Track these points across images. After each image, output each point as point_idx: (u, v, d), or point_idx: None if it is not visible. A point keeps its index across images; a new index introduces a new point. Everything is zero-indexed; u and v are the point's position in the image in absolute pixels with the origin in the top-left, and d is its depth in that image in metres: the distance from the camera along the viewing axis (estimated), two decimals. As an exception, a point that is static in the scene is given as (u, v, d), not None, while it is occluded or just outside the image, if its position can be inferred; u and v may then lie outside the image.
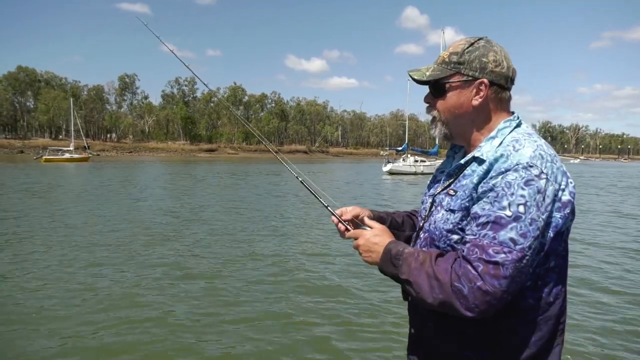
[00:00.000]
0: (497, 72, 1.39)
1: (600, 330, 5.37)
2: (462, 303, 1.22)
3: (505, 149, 1.31)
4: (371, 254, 1.46)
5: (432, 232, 1.44)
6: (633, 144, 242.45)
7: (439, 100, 1.46)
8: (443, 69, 1.43)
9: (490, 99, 1.41)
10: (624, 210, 17.52)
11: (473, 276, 1.21)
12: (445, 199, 1.42)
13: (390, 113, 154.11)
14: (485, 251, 1.21)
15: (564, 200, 1.30)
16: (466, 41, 1.43)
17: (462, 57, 1.40)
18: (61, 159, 55.04)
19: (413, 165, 45.56)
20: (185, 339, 5.05)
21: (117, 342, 4.93)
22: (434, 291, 1.27)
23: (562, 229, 1.31)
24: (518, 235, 1.20)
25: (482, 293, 1.20)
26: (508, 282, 1.20)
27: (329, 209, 1.69)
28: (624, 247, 10.23)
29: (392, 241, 1.46)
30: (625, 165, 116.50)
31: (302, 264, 8.17)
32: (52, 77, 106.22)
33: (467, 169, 1.39)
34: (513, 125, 1.40)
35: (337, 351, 4.85)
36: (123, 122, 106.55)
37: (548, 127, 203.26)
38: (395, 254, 1.39)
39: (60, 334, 5.10)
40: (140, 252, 8.85)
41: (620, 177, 46.03)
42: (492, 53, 1.40)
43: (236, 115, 3.47)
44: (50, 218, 12.74)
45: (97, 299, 6.16)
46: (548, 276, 1.33)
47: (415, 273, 1.32)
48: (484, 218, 1.25)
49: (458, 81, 1.41)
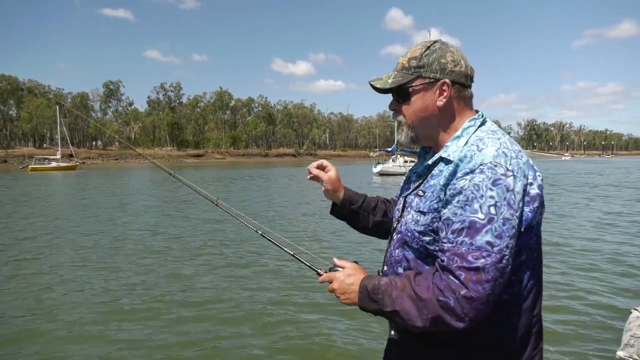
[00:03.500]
0: (457, 71, 1.41)
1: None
2: (452, 315, 1.22)
3: (470, 148, 1.32)
4: (348, 295, 1.44)
5: (404, 233, 1.43)
6: (616, 139, 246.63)
7: (403, 106, 1.47)
8: (404, 75, 1.45)
9: (453, 98, 1.42)
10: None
11: (456, 286, 1.21)
12: (415, 199, 1.43)
13: (378, 114, 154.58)
14: (465, 258, 1.22)
15: (533, 194, 1.30)
16: (422, 45, 1.46)
17: (421, 60, 1.42)
18: (48, 167, 54.19)
19: (403, 165, 45.79)
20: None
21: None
22: (422, 313, 1.26)
23: (532, 223, 1.31)
24: (494, 237, 1.21)
25: (468, 300, 1.20)
26: (492, 285, 1.21)
27: (295, 257, 1.70)
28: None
29: (365, 277, 1.44)
30: (611, 160, 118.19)
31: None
32: (35, 85, 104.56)
33: (435, 169, 1.40)
34: (478, 124, 1.41)
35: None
36: (108, 129, 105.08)
37: (533, 125, 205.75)
38: (372, 289, 1.37)
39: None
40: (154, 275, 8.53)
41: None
42: (450, 53, 1.42)
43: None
44: (57, 236, 12.35)
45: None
46: (522, 271, 1.33)
47: (399, 301, 1.31)
48: (459, 224, 1.25)
49: (420, 84, 1.43)
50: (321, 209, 16.37)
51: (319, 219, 14.27)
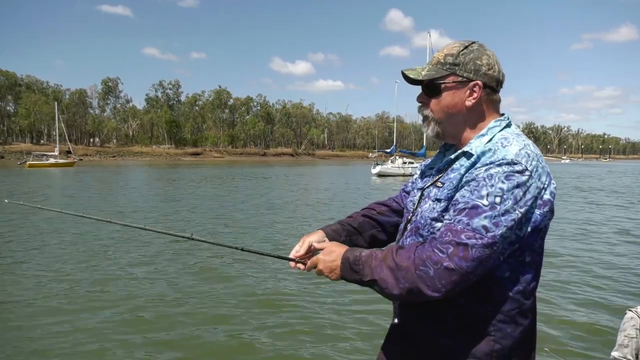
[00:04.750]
0: (490, 75, 1.44)
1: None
2: (429, 285, 1.26)
3: (494, 144, 1.36)
4: (334, 270, 1.47)
5: (418, 221, 1.47)
6: (614, 143, 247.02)
7: (432, 100, 1.49)
8: (438, 70, 1.46)
9: (482, 100, 1.46)
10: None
11: (440, 258, 1.26)
12: (433, 190, 1.47)
13: (376, 115, 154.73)
14: (458, 235, 1.26)
15: (545, 198, 1.34)
16: (460, 44, 1.47)
17: (457, 58, 1.44)
18: (46, 164, 53.98)
19: (401, 167, 45.84)
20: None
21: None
22: (399, 282, 1.30)
23: (540, 226, 1.35)
24: (490, 223, 1.25)
25: (449, 272, 1.25)
26: (475, 264, 1.25)
27: (283, 258, 1.68)
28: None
29: (347, 250, 1.48)
30: (608, 164, 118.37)
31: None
32: (34, 81, 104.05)
33: (456, 163, 1.44)
34: (503, 125, 1.45)
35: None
36: (106, 126, 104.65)
37: (531, 128, 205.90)
38: (354, 260, 1.42)
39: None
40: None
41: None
42: (486, 57, 1.45)
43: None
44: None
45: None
46: (527, 271, 1.37)
47: (377, 270, 1.35)
48: (462, 204, 1.30)
49: (453, 82, 1.45)
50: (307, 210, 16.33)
51: (305, 220, 14.32)
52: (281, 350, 4.93)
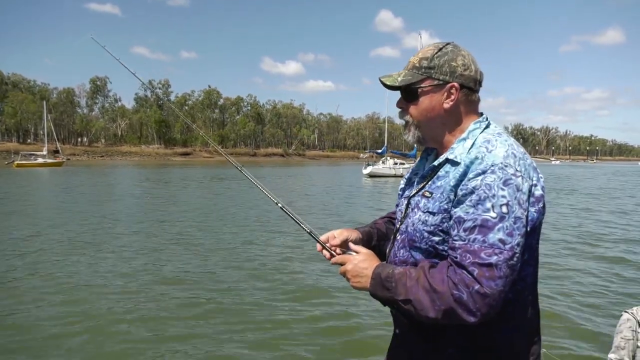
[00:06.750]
0: (466, 75, 1.43)
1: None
2: (464, 309, 1.24)
3: (479, 150, 1.34)
4: (360, 279, 1.45)
5: (412, 234, 1.44)
6: (601, 145, 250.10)
7: (411, 105, 1.49)
8: (414, 74, 1.46)
9: (460, 101, 1.44)
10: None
11: (470, 281, 1.24)
12: (422, 200, 1.44)
13: (367, 116, 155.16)
14: (478, 255, 1.24)
15: (537, 195, 1.34)
16: (435, 46, 1.47)
17: (432, 62, 1.43)
18: (34, 164, 53.33)
19: (393, 167, 45.96)
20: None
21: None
22: (435, 304, 1.28)
23: (537, 223, 1.35)
24: (506, 235, 1.24)
25: (481, 296, 1.23)
26: (503, 281, 1.24)
27: (312, 236, 1.63)
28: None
29: (379, 264, 1.46)
30: (595, 165, 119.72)
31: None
32: (20, 79, 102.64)
33: (441, 170, 1.42)
34: (483, 127, 1.44)
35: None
36: (94, 126, 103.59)
37: (520, 129, 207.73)
38: (386, 276, 1.39)
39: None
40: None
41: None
42: (461, 57, 1.43)
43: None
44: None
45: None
46: (524, 269, 1.36)
47: (413, 290, 1.32)
48: (470, 222, 1.27)
49: (429, 85, 1.44)
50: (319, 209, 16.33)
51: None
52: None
